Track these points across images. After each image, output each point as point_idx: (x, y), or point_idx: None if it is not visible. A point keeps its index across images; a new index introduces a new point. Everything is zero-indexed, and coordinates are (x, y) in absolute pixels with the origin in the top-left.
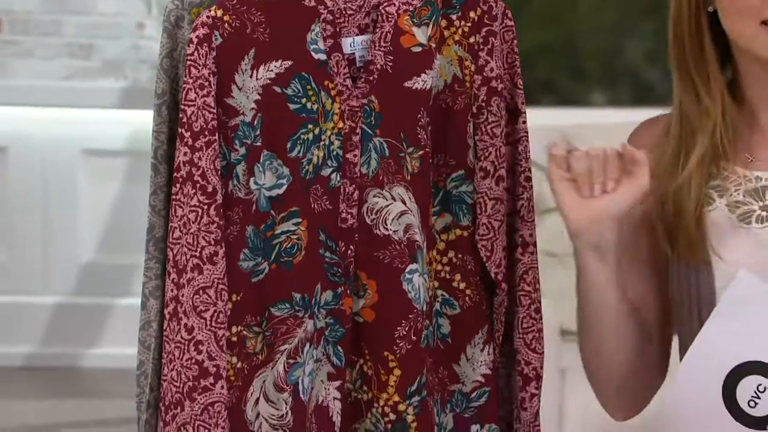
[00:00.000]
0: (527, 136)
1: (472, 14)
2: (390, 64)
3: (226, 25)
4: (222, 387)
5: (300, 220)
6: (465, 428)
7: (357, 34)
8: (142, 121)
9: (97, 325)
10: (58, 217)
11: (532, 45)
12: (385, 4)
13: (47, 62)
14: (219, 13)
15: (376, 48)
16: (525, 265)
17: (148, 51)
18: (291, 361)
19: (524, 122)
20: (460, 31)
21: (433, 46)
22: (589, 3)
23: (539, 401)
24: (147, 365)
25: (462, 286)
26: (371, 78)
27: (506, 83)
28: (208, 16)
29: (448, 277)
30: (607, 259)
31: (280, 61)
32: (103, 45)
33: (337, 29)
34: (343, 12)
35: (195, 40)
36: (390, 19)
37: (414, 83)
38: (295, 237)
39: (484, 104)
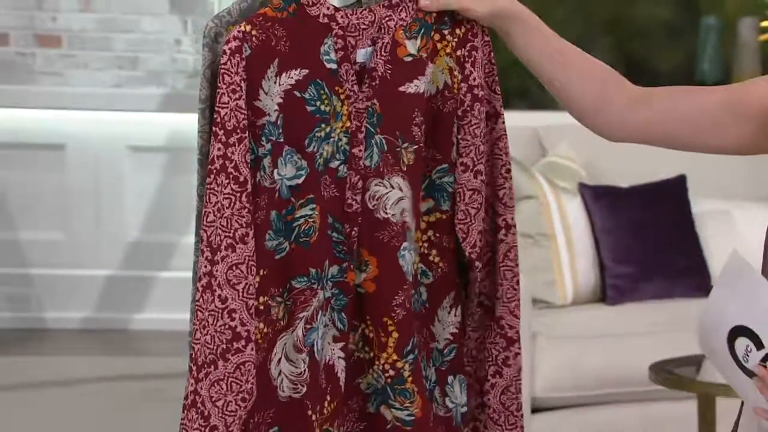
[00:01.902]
0: (506, 135)
1: (458, 31)
2: (389, 71)
3: (254, 38)
4: (252, 349)
5: (315, 205)
6: (443, 379)
7: (370, 46)
8: (179, 122)
9: (142, 293)
10: (108, 202)
11: (509, 58)
12: (386, 19)
13: (100, 72)
14: (248, 28)
15: (378, 57)
16: (508, 245)
17: (184, 63)
18: (308, 326)
19: (503, 123)
20: (450, 45)
21: (424, 56)
22: (555, 20)
23: (521, 358)
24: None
25: (436, 259)
26: (374, 83)
27: (486, 90)
28: (239, 31)
29: (426, 252)
30: (512, 35)
31: (299, 70)
32: (147, 58)
33: (347, 42)
34: (357, 27)
35: (228, 51)
36: (389, 32)
37: (408, 88)
38: (311, 220)
39: (468, 108)
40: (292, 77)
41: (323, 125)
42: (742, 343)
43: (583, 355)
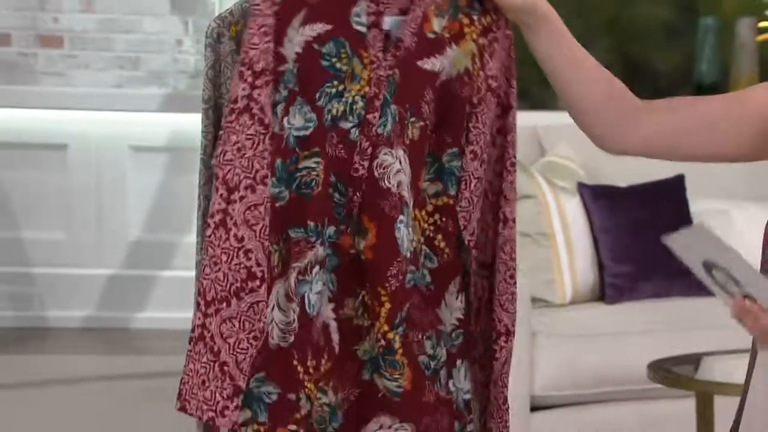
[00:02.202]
0: (515, 129)
1: (483, 19)
2: (414, 44)
3: None
4: (264, 289)
5: (320, 159)
6: (453, 361)
7: (398, 14)
8: (181, 122)
9: (143, 292)
10: (110, 202)
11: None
12: None
13: (101, 73)
14: None
15: (407, 28)
16: (504, 238)
17: (185, 63)
18: (300, 277)
19: (514, 116)
20: (476, 31)
21: (446, 36)
22: None
23: (509, 353)
24: None
25: (442, 244)
26: (398, 54)
27: (501, 83)
28: None
29: (431, 235)
30: (534, 31)
31: (323, 23)
32: (148, 58)
33: (380, 8)
34: None
35: None
36: (421, 5)
37: (425, 63)
38: (314, 173)
39: (483, 97)
40: (315, 29)
41: (336, 82)
42: (721, 274)
43: (581, 354)
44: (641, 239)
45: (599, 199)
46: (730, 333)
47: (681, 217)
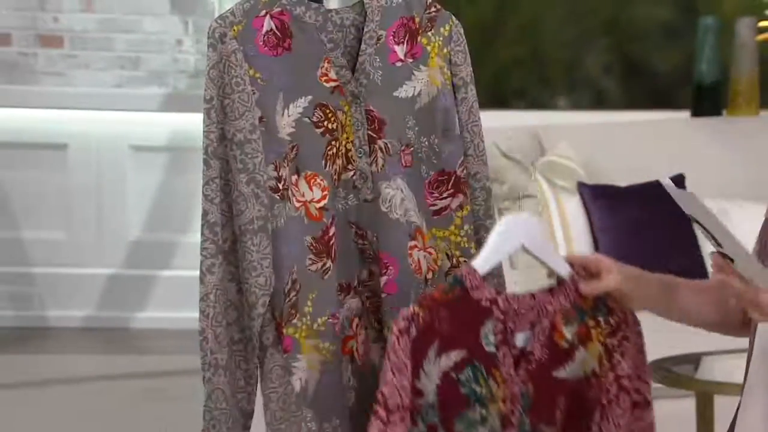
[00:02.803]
0: (654, 424)
1: (611, 319)
2: (546, 356)
3: (420, 319)
4: None
5: None
6: None
7: (529, 329)
8: (181, 122)
9: (143, 292)
10: (110, 202)
11: (507, 59)
12: (547, 302)
13: (101, 72)
14: (417, 309)
15: (536, 341)
16: None
17: (185, 63)
18: None
19: (652, 411)
20: (603, 332)
21: (576, 341)
22: (553, 22)
23: None
24: (207, 331)
25: None
26: (530, 367)
27: (634, 380)
28: (408, 312)
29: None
30: (655, 307)
31: (457, 351)
32: (148, 58)
33: (507, 326)
34: (517, 311)
35: (396, 332)
36: (548, 317)
37: (559, 372)
38: None
39: (613, 398)
40: (450, 358)
41: (478, 408)
42: (702, 229)
43: None
44: (641, 239)
45: (599, 198)
46: None
47: (681, 216)
